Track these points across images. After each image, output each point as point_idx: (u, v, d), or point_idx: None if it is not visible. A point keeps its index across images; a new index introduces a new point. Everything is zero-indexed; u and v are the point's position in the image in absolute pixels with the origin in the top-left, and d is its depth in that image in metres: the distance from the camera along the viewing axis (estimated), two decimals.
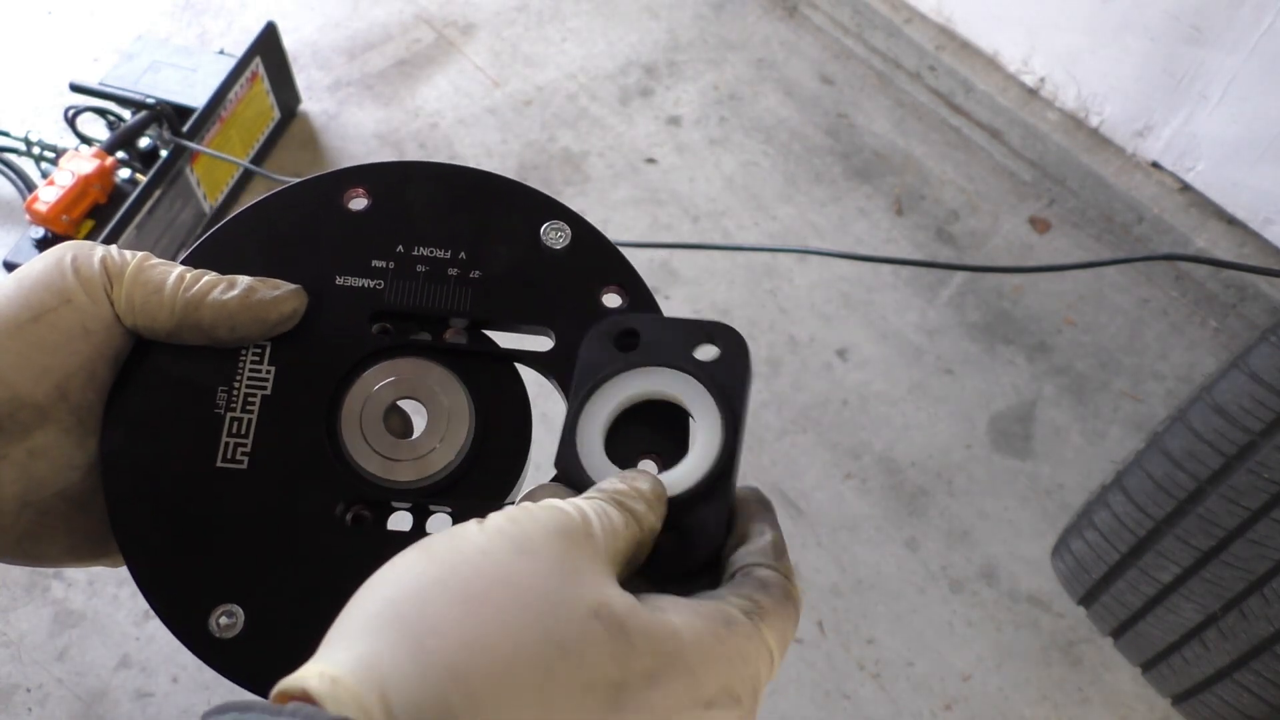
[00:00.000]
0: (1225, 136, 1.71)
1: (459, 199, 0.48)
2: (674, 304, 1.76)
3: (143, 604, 1.40)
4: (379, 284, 0.47)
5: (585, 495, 0.38)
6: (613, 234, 1.89)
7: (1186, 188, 1.82)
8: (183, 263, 0.46)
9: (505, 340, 0.49)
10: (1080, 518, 1.26)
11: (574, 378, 0.44)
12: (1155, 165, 1.86)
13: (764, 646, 0.36)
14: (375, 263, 0.47)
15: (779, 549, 0.41)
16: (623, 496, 0.38)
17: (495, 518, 0.35)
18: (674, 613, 0.34)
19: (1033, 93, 1.98)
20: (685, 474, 0.42)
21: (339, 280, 0.47)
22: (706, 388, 0.43)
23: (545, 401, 0.52)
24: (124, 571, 0.44)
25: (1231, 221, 1.78)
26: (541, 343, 0.48)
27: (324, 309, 0.46)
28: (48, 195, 1.59)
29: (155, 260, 0.44)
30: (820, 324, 1.75)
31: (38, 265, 0.43)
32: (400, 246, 0.47)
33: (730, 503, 0.43)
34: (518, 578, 0.32)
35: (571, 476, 0.43)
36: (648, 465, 0.45)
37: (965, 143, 2.04)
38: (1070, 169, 1.92)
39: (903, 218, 1.91)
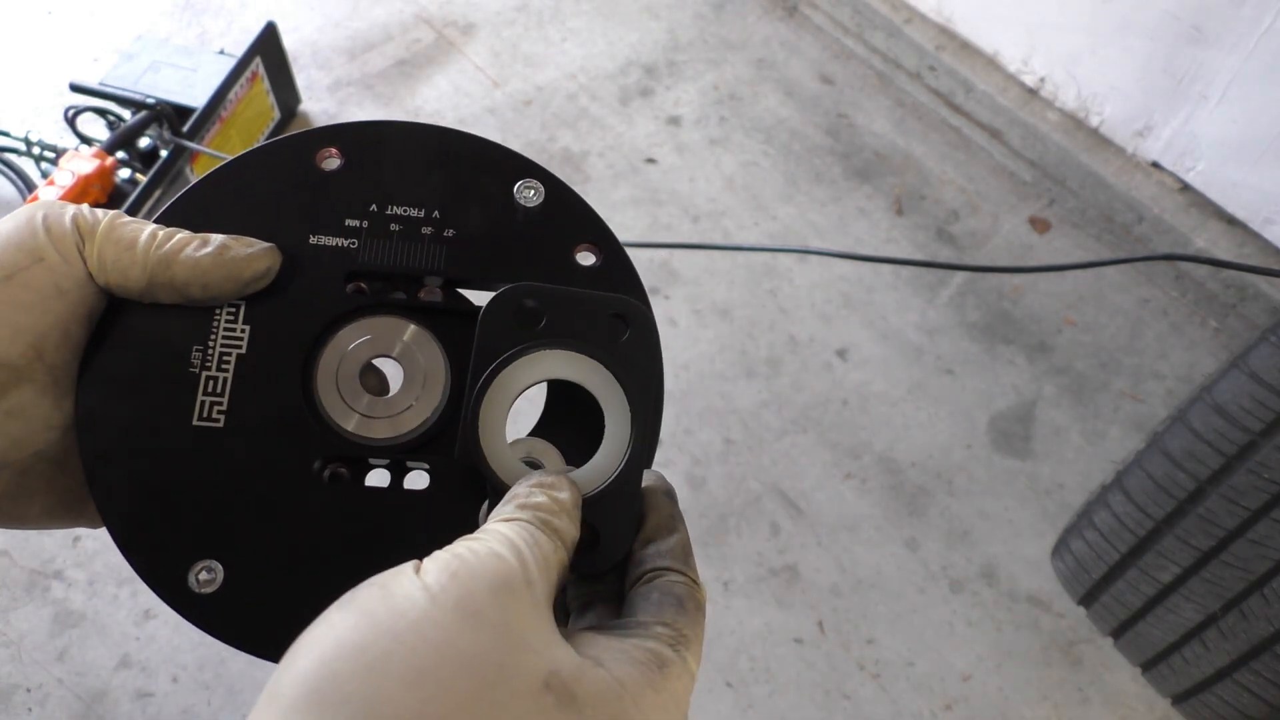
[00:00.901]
0: (1225, 136, 1.71)
1: (432, 158, 0.49)
2: (674, 304, 1.76)
3: (143, 603, 1.40)
4: (353, 243, 0.47)
5: (511, 516, 0.38)
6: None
7: (1186, 188, 1.82)
8: (156, 221, 0.45)
9: (480, 298, 0.49)
10: (1080, 518, 1.26)
11: (473, 356, 0.43)
12: (1155, 165, 1.86)
13: (689, 675, 0.37)
14: (349, 222, 0.47)
15: (686, 549, 0.42)
16: (548, 514, 0.38)
17: (434, 571, 0.34)
18: (612, 664, 0.35)
19: (1033, 93, 1.98)
20: (596, 472, 0.42)
21: (313, 240, 0.47)
22: (615, 376, 0.42)
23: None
24: (125, 570, 0.44)
25: (1231, 221, 1.78)
26: None
27: (298, 268, 0.46)
28: (48, 195, 1.59)
29: (127, 218, 0.44)
30: (820, 324, 1.75)
31: (8, 225, 0.42)
32: (374, 206, 0.47)
33: (640, 500, 0.42)
34: (468, 651, 0.31)
35: (476, 466, 0.42)
36: (554, 457, 0.45)
37: (965, 143, 2.04)
38: (1070, 169, 1.92)
39: (903, 218, 1.91)
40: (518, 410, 0.49)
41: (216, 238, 0.44)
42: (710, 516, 1.53)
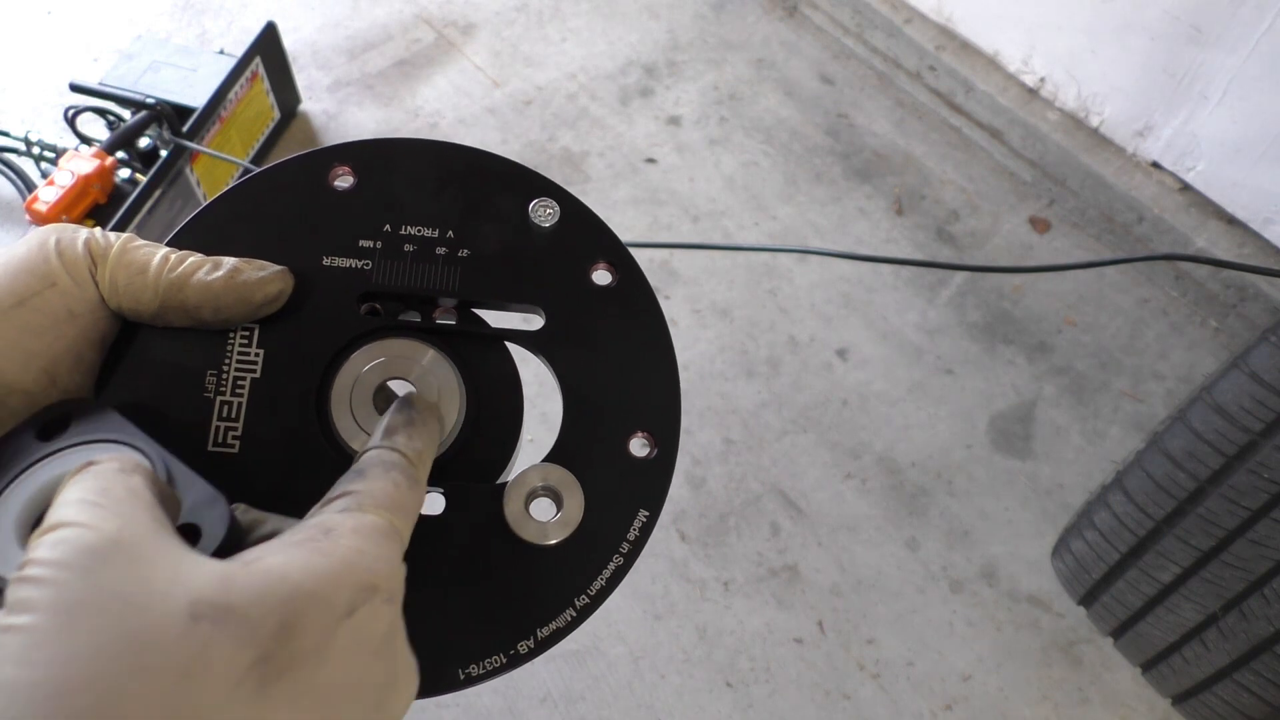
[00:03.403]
0: (1225, 136, 1.71)
1: (446, 176, 0.48)
2: (674, 304, 1.76)
3: None
4: (366, 264, 0.46)
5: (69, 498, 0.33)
6: None
7: (1186, 188, 1.82)
8: (168, 244, 0.45)
9: (495, 319, 0.49)
10: (1080, 518, 1.26)
11: None
12: (1155, 165, 1.86)
13: (378, 529, 0.35)
14: (362, 242, 0.46)
15: (389, 429, 0.41)
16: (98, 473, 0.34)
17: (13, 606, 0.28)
18: (271, 555, 0.32)
19: (1033, 93, 1.98)
20: None
21: (326, 261, 0.46)
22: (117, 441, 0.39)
23: (536, 380, 0.52)
24: None
25: (1231, 221, 1.78)
26: (532, 321, 0.48)
27: (311, 290, 0.45)
28: (48, 195, 1.59)
29: (140, 241, 0.44)
30: (820, 324, 1.75)
31: (20, 249, 0.42)
32: (387, 226, 0.47)
33: (221, 507, 0.38)
34: (91, 647, 0.27)
35: None
36: (572, 486, 0.44)
37: (965, 143, 2.04)
38: (1070, 169, 1.92)
39: (903, 218, 1.91)
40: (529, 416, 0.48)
41: (228, 261, 0.44)
42: (710, 516, 1.53)
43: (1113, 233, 1.90)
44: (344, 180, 0.47)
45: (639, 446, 0.46)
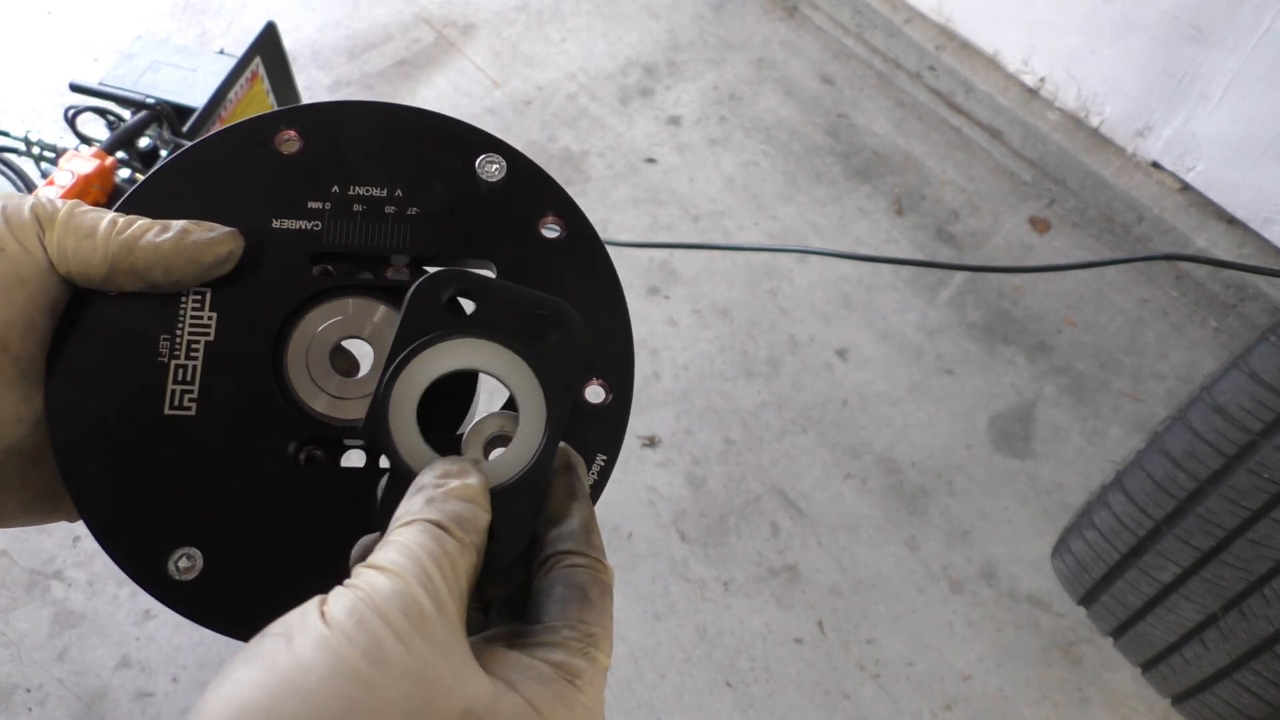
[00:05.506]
0: (1225, 136, 1.71)
1: (392, 137, 0.48)
2: (674, 304, 1.76)
3: (143, 603, 1.40)
4: (316, 225, 0.47)
5: (417, 517, 0.37)
6: (613, 233, 1.87)
7: (1186, 188, 1.82)
8: (116, 210, 0.45)
9: None
10: (1080, 518, 1.26)
11: (395, 334, 0.42)
12: (1155, 165, 1.86)
13: (601, 675, 0.37)
14: (311, 204, 0.47)
15: (588, 527, 0.41)
16: (456, 509, 0.37)
17: (339, 614, 0.33)
18: (524, 685, 0.35)
19: (1033, 93, 1.98)
20: (504, 465, 0.41)
21: (276, 223, 0.46)
22: (535, 374, 0.42)
23: None
24: (125, 572, 0.43)
25: (1231, 221, 1.78)
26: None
27: (263, 253, 0.46)
28: (47, 195, 1.59)
29: (87, 207, 0.44)
30: (820, 324, 1.75)
31: None
32: (336, 187, 0.47)
33: (542, 502, 0.41)
34: (378, 704, 0.31)
35: (381, 448, 0.41)
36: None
37: (965, 143, 2.04)
38: (1070, 169, 1.92)
39: (903, 218, 1.91)
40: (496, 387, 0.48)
41: (177, 223, 0.44)
42: (710, 516, 1.53)
43: (1113, 233, 1.90)
44: (291, 144, 0.48)
45: (594, 393, 0.47)
